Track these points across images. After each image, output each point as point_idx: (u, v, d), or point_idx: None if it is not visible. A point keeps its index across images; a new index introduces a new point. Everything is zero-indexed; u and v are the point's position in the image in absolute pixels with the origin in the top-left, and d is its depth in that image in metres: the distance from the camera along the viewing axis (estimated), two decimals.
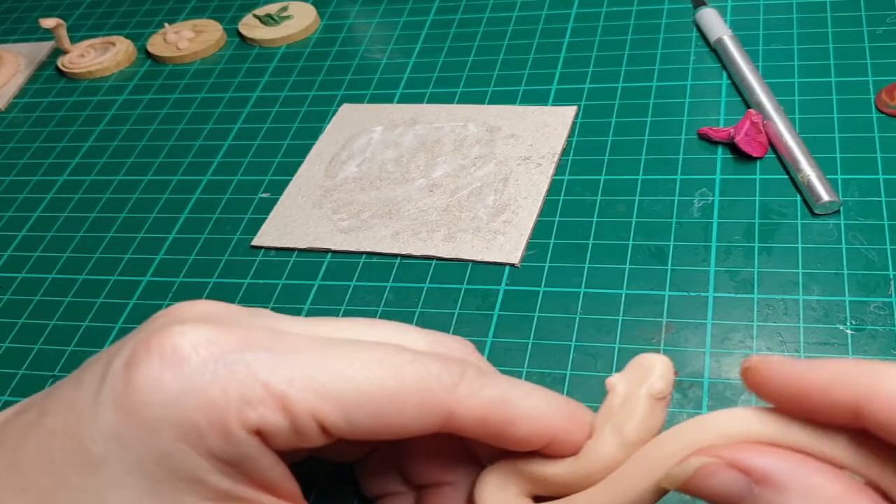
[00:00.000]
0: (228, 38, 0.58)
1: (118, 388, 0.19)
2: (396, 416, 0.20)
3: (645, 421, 0.21)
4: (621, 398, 0.22)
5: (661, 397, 0.21)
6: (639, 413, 0.21)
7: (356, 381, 0.20)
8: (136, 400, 0.19)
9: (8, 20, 0.66)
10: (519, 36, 0.53)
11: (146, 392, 0.19)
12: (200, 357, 0.19)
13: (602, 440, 0.22)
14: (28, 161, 0.52)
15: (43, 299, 0.42)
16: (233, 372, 0.19)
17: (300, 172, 0.46)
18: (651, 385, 0.21)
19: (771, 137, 0.42)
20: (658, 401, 0.21)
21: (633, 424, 0.21)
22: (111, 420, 0.19)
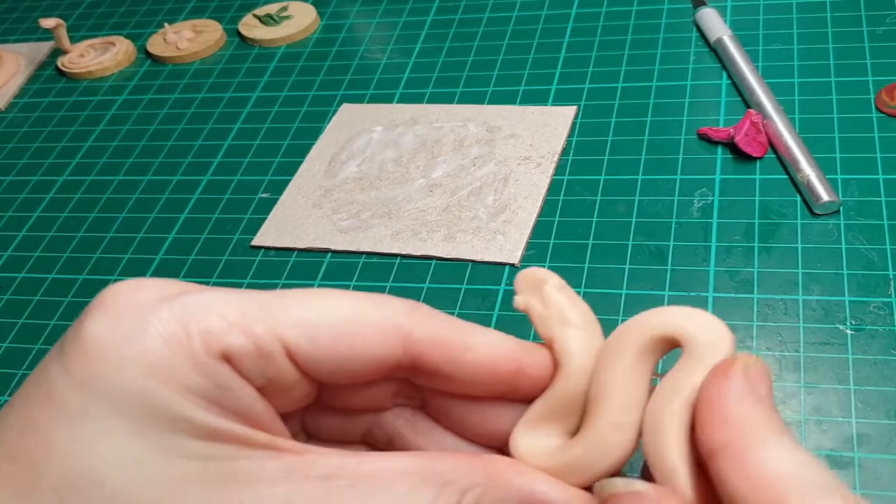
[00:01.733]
0: (228, 38, 0.58)
1: (78, 338, 0.19)
2: (358, 338, 0.21)
3: (574, 304, 0.23)
4: (539, 304, 0.23)
5: (563, 285, 0.23)
6: (564, 300, 0.23)
7: (314, 306, 0.21)
8: (96, 344, 0.19)
9: (8, 20, 0.66)
10: (519, 36, 0.53)
11: (104, 334, 0.19)
12: (153, 300, 0.19)
13: (561, 338, 0.23)
14: (28, 161, 0.52)
15: (43, 299, 0.42)
16: (187, 309, 0.19)
17: (300, 172, 0.46)
18: (548, 280, 0.23)
19: (771, 137, 0.42)
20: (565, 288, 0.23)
21: (570, 309, 0.23)
22: (78, 369, 0.18)
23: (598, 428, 0.22)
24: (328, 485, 0.20)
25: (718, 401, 0.20)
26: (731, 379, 0.20)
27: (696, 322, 0.22)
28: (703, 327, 0.22)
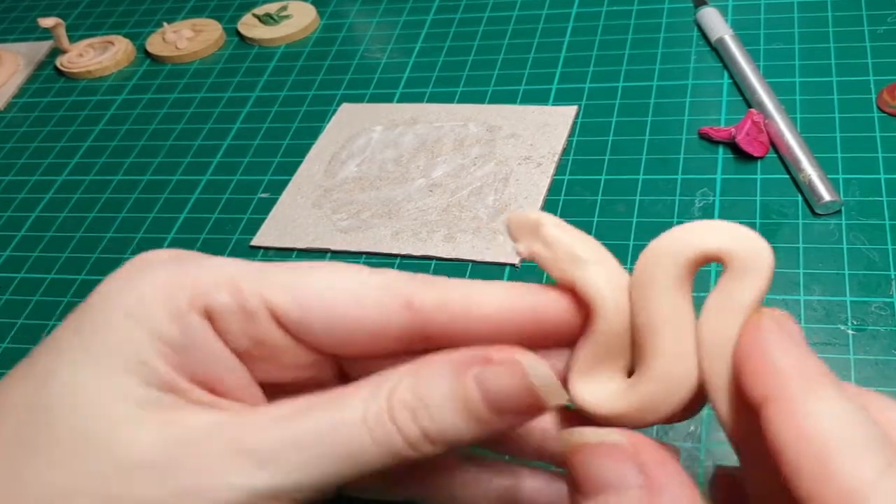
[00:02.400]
0: (228, 38, 0.58)
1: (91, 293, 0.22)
2: (353, 304, 0.21)
3: (581, 240, 0.22)
4: (543, 248, 0.22)
5: (560, 223, 0.22)
6: (567, 238, 0.22)
7: (306, 273, 0.21)
8: (98, 290, 0.21)
9: (6, 19, 0.66)
10: (519, 35, 0.53)
11: (106, 283, 0.21)
12: (163, 259, 0.22)
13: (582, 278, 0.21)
14: (27, 161, 0.51)
15: (42, 299, 0.42)
16: (187, 268, 0.21)
17: (300, 172, 0.46)
18: (544, 221, 0.22)
19: (772, 137, 0.41)
20: (563, 226, 0.22)
21: (579, 245, 0.22)
22: (76, 313, 0.21)
23: (660, 362, 0.21)
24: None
25: (762, 350, 0.19)
26: (768, 330, 0.20)
27: (733, 237, 0.21)
28: (742, 242, 0.21)
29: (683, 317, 0.21)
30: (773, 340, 0.19)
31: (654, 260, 0.21)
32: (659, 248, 0.21)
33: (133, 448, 0.19)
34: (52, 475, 0.19)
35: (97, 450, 0.19)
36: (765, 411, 0.18)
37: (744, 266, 0.21)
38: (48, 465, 0.19)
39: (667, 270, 0.21)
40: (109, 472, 0.19)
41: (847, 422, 0.18)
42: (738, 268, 0.21)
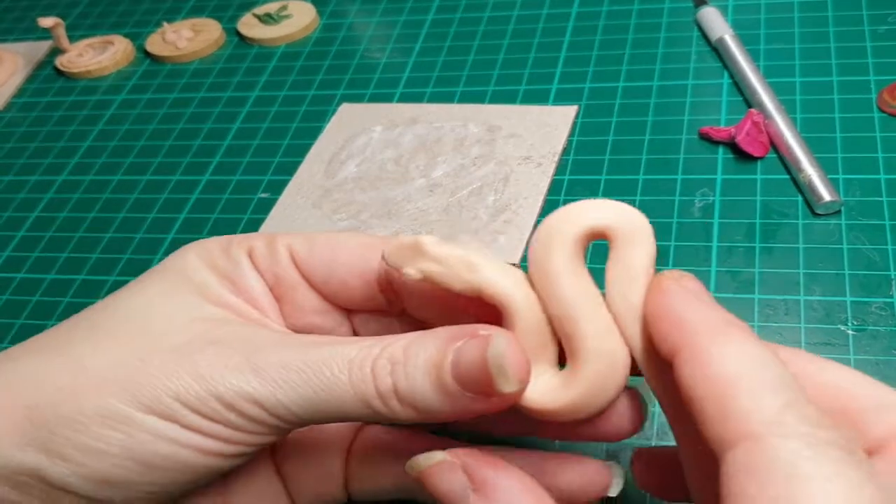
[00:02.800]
0: (227, 38, 0.58)
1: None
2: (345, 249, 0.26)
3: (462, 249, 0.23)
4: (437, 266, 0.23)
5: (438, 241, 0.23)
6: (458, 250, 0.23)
7: (325, 232, 0.27)
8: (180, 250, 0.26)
9: (6, 19, 0.66)
10: (519, 35, 0.53)
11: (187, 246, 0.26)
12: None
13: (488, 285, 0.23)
14: (26, 161, 0.51)
15: (42, 299, 0.42)
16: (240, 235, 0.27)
17: (299, 172, 0.46)
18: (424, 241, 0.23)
19: (772, 137, 0.41)
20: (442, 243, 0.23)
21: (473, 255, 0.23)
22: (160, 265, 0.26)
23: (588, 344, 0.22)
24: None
25: (666, 309, 0.21)
26: (668, 289, 0.21)
27: (614, 212, 0.22)
28: (622, 215, 0.22)
29: (591, 295, 0.23)
30: (676, 298, 0.21)
31: (546, 245, 0.23)
32: (548, 232, 0.23)
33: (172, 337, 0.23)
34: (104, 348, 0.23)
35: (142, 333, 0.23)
36: (675, 364, 0.19)
37: (630, 236, 0.22)
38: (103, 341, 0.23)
39: (561, 253, 0.22)
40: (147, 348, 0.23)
41: (750, 364, 0.18)
42: (625, 239, 0.22)
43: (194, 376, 0.22)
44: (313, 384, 0.22)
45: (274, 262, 0.26)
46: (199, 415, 0.22)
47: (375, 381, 0.22)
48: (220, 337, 0.23)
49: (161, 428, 0.22)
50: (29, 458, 0.22)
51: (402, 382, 0.22)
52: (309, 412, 0.22)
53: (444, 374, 0.22)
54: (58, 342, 0.24)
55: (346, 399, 0.22)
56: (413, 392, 0.22)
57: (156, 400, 0.22)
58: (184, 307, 0.24)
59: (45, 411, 0.22)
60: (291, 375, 0.22)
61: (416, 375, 0.22)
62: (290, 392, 0.22)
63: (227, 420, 0.22)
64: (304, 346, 0.23)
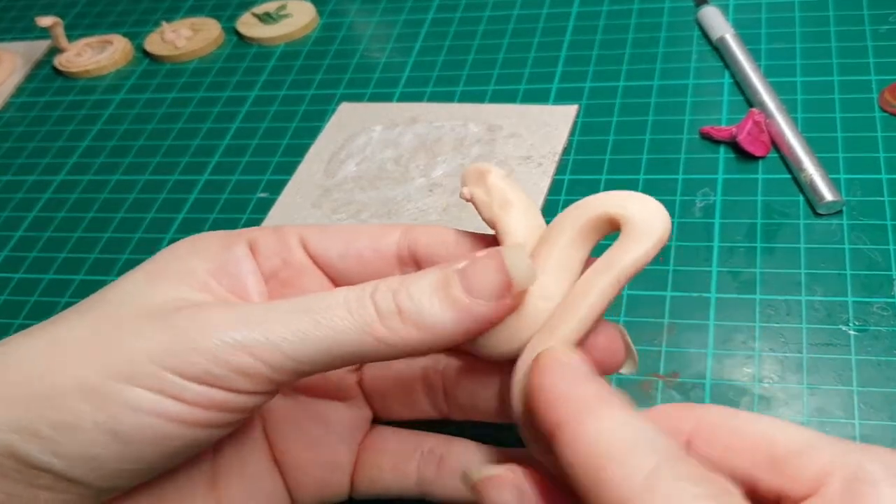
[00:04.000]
0: (226, 37, 0.58)
1: None
2: (361, 230, 0.27)
3: (515, 188, 0.25)
4: (483, 193, 0.25)
5: (507, 175, 0.25)
6: (506, 186, 0.25)
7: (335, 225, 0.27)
8: (178, 241, 0.26)
9: (5, 19, 0.66)
10: (519, 34, 0.52)
11: (187, 238, 0.27)
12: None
13: (502, 219, 0.25)
14: (24, 161, 0.51)
15: (40, 300, 0.42)
16: (249, 228, 0.27)
17: (299, 172, 0.46)
18: (492, 171, 0.25)
19: (773, 137, 0.41)
20: (506, 177, 0.25)
21: (511, 193, 0.25)
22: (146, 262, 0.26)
23: (530, 298, 0.24)
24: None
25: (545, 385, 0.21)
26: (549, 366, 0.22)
27: (632, 203, 0.23)
28: (640, 208, 0.23)
29: (570, 266, 0.24)
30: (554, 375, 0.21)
31: (563, 216, 0.24)
32: (571, 207, 0.24)
33: (151, 307, 0.23)
34: (81, 324, 0.23)
35: (118, 308, 0.23)
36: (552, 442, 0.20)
37: (635, 230, 0.23)
38: (80, 318, 0.23)
39: (569, 226, 0.24)
40: (124, 318, 0.23)
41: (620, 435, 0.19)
42: (629, 233, 0.23)
43: (173, 334, 0.21)
44: (306, 322, 0.22)
45: (282, 247, 0.26)
46: (181, 375, 0.21)
47: (377, 307, 0.22)
48: (198, 302, 0.23)
49: (138, 398, 0.21)
50: (4, 438, 0.21)
51: (407, 303, 0.22)
52: (307, 353, 0.22)
53: (453, 287, 0.23)
54: (41, 327, 0.23)
55: (344, 330, 0.22)
56: (420, 310, 0.22)
57: (133, 364, 0.21)
58: (163, 289, 0.24)
59: (21, 389, 0.21)
60: (283, 316, 0.22)
61: (420, 296, 0.22)
62: (283, 331, 0.22)
63: (215, 377, 0.21)
64: (289, 298, 0.23)
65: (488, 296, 0.23)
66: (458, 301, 0.23)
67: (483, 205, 0.25)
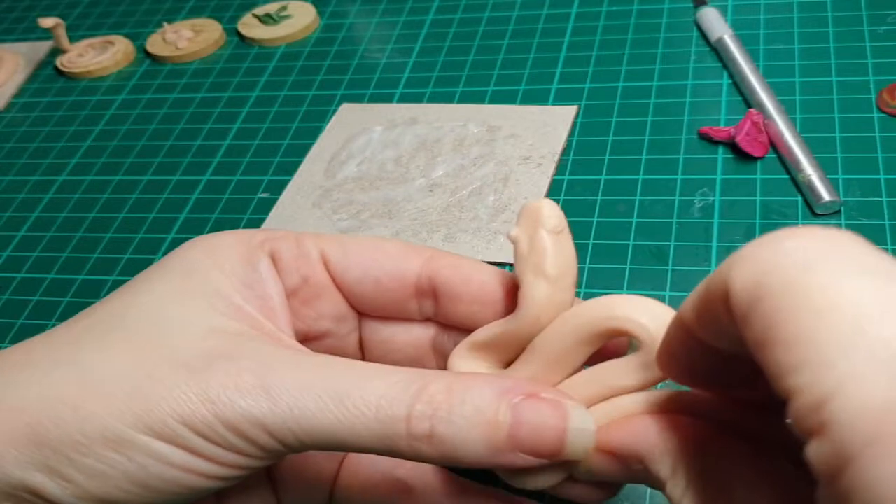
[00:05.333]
0: (228, 38, 0.58)
1: None
2: (381, 251, 0.26)
3: (556, 255, 0.23)
4: (527, 244, 0.23)
5: (559, 231, 0.23)
6: (548, 249, 0.23)
7: (355, 237, 0.27)
8: (181, 246, 0.25)
9: (7, 19, 0.66)
10: (519, 35, 0.53)
11: (186, 243, 0.25)
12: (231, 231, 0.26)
13: (528, 284, 0.23)
14: (27, 161, 0.51)
15: (42, 299, 0.42)
16: (266, 230, 0.26)
17: (299, 172, 0.46)
18: (545, 223, 0.23)
19: (772, 137, 0.41)
20: (558, 234, 0.23)
21: (549, 260, 0.23)
22: (160, 261, 0.25)
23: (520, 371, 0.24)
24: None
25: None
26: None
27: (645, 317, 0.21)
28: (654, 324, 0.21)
29: (564, 362, 0.23)
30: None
31: (580, 312, 0.23)
32: (590, 306, 0.23)
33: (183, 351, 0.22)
34: (112, 356, 0.22)
35: (152, 342, 0.22)
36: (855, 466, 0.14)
37: (648, 354, 0.21)
38: (111, 347, 0.22)
39: (583, 324, 0.22)
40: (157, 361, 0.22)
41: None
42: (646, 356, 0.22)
43: (203, 399, 0.21)
44: (332, 416, 0.21)
45: (304, 262, 0.26)
46: (205, 439, 0.21)
47: (409, 423, 0.21)
48: (232, 352, 0.22)
49: (164, 452, 0.21)
50: (30, 478, 0.21)
51: (442, 429, 0.21)
52: (318, 442, 0.21)
53: (499, 430, 0.21)
54: (66, 346, 0.23)
55: (367, 434, 0.21)
56: (453, 441, 0.21)
57: (161, 423, 0.21)
58: (196, 315, 0.23)
59: (49, 429, 0.21)
60: (308, 403, 0.21)
61: (461, 425, 0.21)
62: (302, 421, 0.21)
63: (233, 445, 0.21)
64: (325, 371, 0.22)
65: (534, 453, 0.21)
66: (498, 448, 0.21)
67: (520, 257, 0.23)
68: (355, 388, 0.21)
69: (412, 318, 0.27)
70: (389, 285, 0.26)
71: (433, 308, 0.27)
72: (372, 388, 0.21)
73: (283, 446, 0.22)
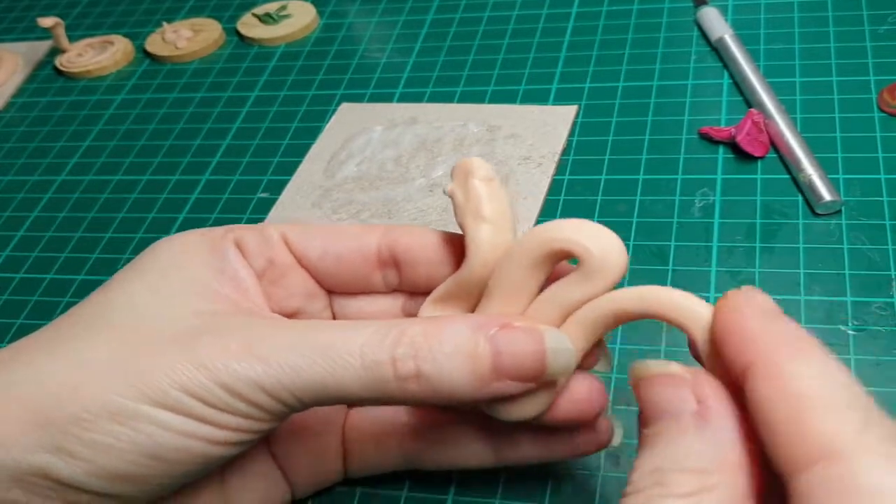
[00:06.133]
0: (227, 38, 0.58)
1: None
2: (342, 229, 0.27)
3: (491, 199, 0.25)
4: (462, 195, 0.25)
5: (490, 179, 0.25)
6: (483, 195, 0.25)
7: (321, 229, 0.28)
8: (150, 247, 0.27)
9: (6, 19, 0.66)
10: (519, 35, 0.53)
11: (165, 240, 0.27)
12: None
13: (471, 229, 0.25)
14: (26, 161, 0.51)
15: (41, 300, 0.42)
16: (230, 226, 0.27)
17: (299, 172, 0.46)
18: (476, 173, 0.25)
19: (772, 137, 0.41)
20: (489, 182, 0.25)
21: (485, 204, 0.24)
22: (132, 262, 0.26)
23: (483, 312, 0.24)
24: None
25: (739, 324, 0.20)
26: (740, 304, 0.20)
27: (587, 238, 0.23)
28: (595, 243, 0.23)
29: (520, 292, 0.24)
30: (747, 315, 0.20)
31: (526, 240, 0.24)
32: (534, 231, 0.24)
33: (169, 329, 0.23)
34: (103, 341, 0.23)
35: (138, 325, 0.23)
36: (748, 382, 0.19)
37: (590, 268, 0.23)
38: (100, 333, 0.23)
39: (529, 251, 0.24)
40: (145, 341, 0.23)
41: (828, 382, 0.18)
42: (585, 269, 0.23)
43: (196, 365, 0.22)
44: (321, 368, 0.22)
45: (267, 246, 0.27)
46: (206, 404, 0.22)
47: (395, 366, 0.22)
48: (217, 327, 0.23)
49: (168, 420, 0.22)
50: (38, 460, 0.22)
51: (428, 367, 0.22)
52: (314, 396, 0.22)
53: (481, 361, 0.22)
54: (57, 338, 0.24)
55: (356, 382, 0.22)
56: (441, 377, 0.22)
57: (161, 392, 0.22)
58: (176, 302, 0.24)
59: (51, 411, 0.22)
60: (297, 360, 0.22)
61: (445, 362, 0.22)
62: (294, 377, 0.22)
63: (234, 408, 0.22)
64: (306, 330, 0.23)
65: (517, 378, 0.22)
66: (483, 377, 0.22)
67: (459, 208, 0.25)
68: (338, 340, 0.22)
69: (379, 291, 0.28)
70: (351, 259, 0.27)
71: (397, 278, 0.28)
72: (353, 339, 0.22)
73: (283, 405, 0.22)
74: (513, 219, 0.25)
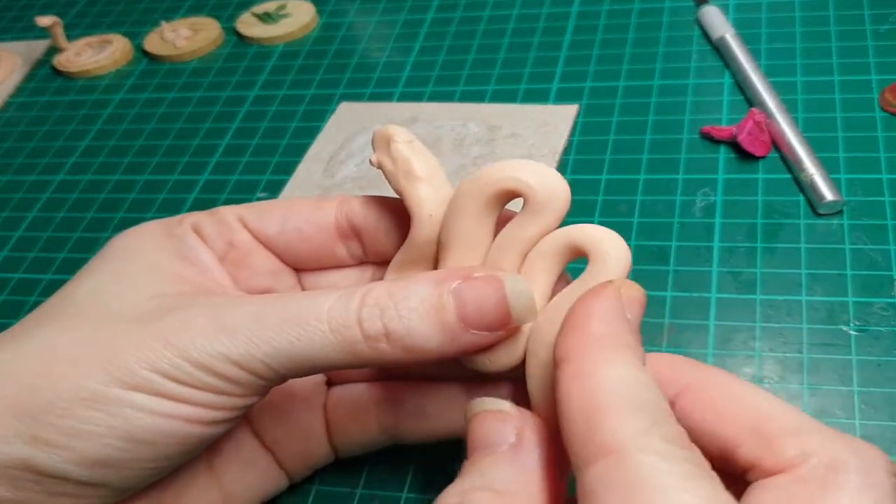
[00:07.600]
0: (226, 37, 0.58)
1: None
2: (296, 204, 0.28)
3: (418, 158, 0.25)
4: (390, 162, 0.25)
5: (410, 140, 0.25)
6: (409, 156, 0.25)
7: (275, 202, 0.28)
8: (116, 237, 0.27)
9: (4, 18, 0.66)
10: (519, 34, 0.52)
11: (124, 232, 0.27)
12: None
13: (408, 191, 0.25)
14: (24, 161, 0.51)
15: (39, 300, 0.42)
16: (187, 214, 0.28)
17: (298, 172, 0.46)
18: (396, 138, 0.25)
19: (774, 136, 0.41)
20: (411, 143, 0.25)
21: (414, 164, 0.25)
22: (94, 258, 0.26)
23: (443, 268, 0.25)
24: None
25: (583, 314, 0.21)
26: (600, 296, 0.21)
27: (535, 178, 0.23)
28: (543, 183, 0.23)
29: (479, 237, 0.24)
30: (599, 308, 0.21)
31: (468, 187, 0.24)
32: (472, 180, 0.24)
33: (132, 312, 0.23)
34: (70, 327, 0.23)
35: (102, 312, 0.23)
36: (559, 369, 0.20)
37: (538, 205, 0.23)
38: (67, 321, 0.23)
39: (475, 198, 0.24)
40: (110, 324, 0.23)
41: (627, 387, 0.19)
42: (531, 208, 0.23)
43: (164, 344, 0.22)
44: (289, 336, 0.22)
45: (224, 229, 0.27)
46: (177, 382, 0.22)
47: (362, 326, 0.22)
48: (182, 304, 0.23)
49: (141, 401, 0.22)
50: (16, 450, 0.21)
51: (396, 326, 0.22)
52: (286, 365, 0.22)
53: (447, 313, 0.22)
54: (24, 331, 0.24)
55: (327, 347, 0.22)
56: (409, 333, 0.22)
57: (131, 373, 0.22)
58: (140, 286, 0.24)
59: (25, 400, 0.21)
60: (265, 330, 0.22)
61: (411, 318, 0.22)
62: (264, 346, 0.22)
63: (206, 384, 0.22)
64: (272, 301, 0.23)
65: (484, 327, 0.23)
66: (451, 329, 0.22)
67: (390, 175, 0.25)
68: (303, 308, 0.22)
69: (346, 263, 0.28)
70: (311, 233, 0.27)
71: (360, 248, 0.28)
72: (319, 305, 0.22)
73: (257, 377, 0.22)
74: (443, 174, 0.25)
